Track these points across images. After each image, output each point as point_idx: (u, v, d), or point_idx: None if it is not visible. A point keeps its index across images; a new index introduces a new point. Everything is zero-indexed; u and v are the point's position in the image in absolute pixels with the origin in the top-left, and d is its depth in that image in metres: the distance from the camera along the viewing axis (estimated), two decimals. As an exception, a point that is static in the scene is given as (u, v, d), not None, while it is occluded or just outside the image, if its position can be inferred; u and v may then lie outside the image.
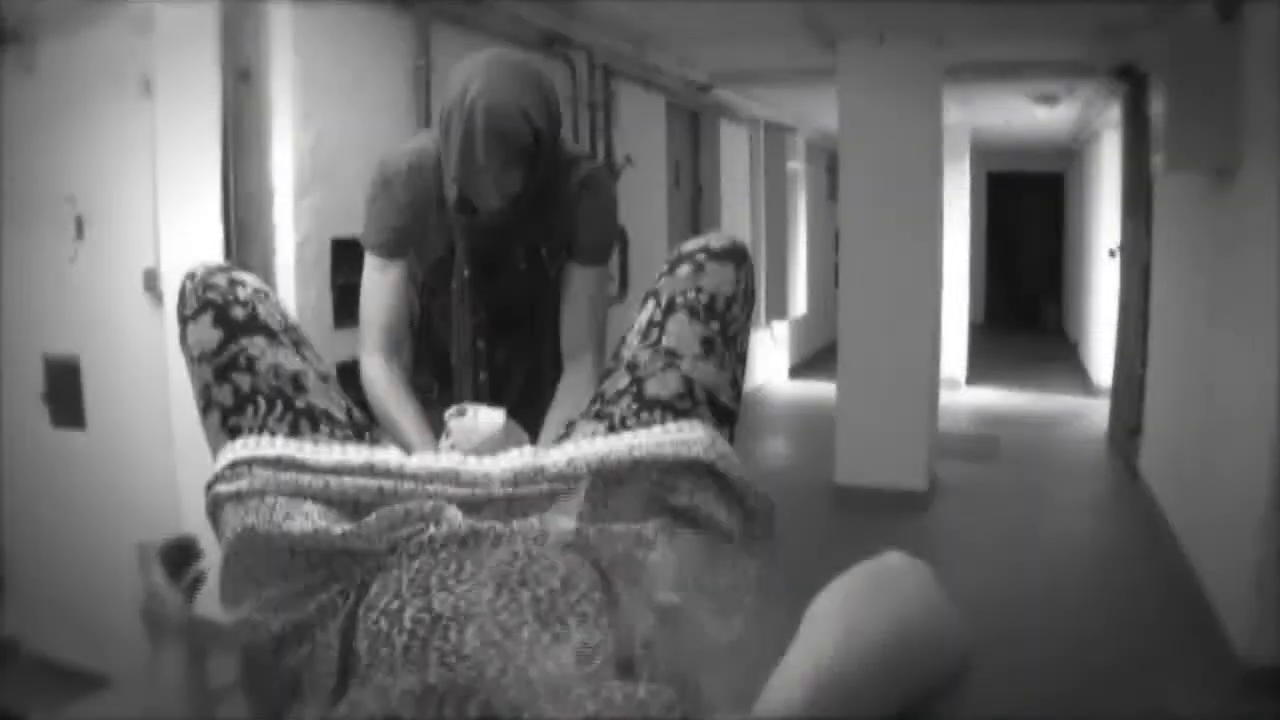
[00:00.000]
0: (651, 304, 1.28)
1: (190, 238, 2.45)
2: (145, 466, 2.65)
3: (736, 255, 1.28)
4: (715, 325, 1.23)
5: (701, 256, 1.27)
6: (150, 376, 2.56)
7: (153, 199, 2.52)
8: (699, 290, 1.24)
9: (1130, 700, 2.62)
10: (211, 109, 2.38)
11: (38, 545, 2.87)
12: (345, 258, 2.64)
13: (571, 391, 1.59)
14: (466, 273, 1.67)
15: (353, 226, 2.66)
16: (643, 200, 4.55)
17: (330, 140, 2.57)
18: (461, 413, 1.39)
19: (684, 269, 1.27)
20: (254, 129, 2.44)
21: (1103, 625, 3.11)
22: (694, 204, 5.80)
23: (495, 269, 1.69)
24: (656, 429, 1.16)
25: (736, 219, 6.58)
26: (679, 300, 1.25)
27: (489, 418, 1.36)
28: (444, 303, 1.75)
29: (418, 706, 0.68)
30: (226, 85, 2.38)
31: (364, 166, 2.66)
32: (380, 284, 1.65)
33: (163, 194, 2.50)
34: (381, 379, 1.59)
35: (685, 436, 1.14)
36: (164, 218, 2.51)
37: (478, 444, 1.31)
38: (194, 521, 2.52)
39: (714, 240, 1.30)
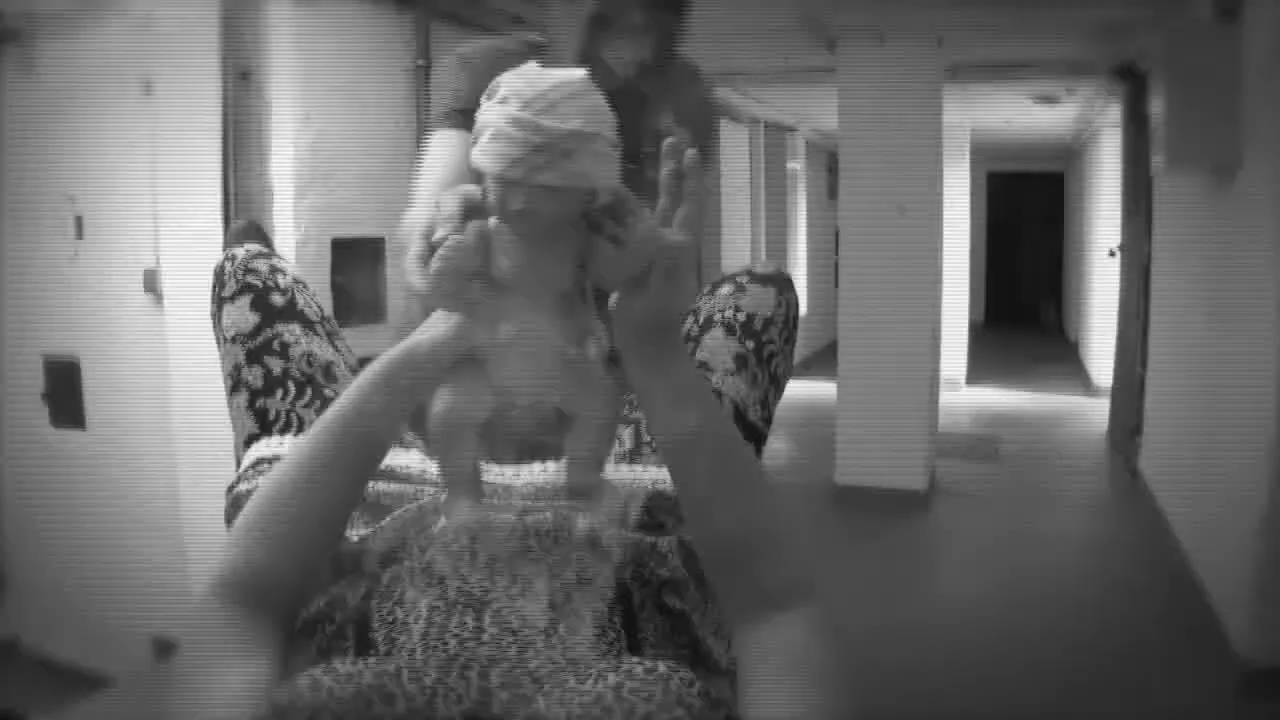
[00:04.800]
0: (690, 320, 1.29)
1: (190, 238, 2.45)
2: (145, 466, 2.65)
3: (780, 280, 1.29)
4: (750, 344, 1.24)
5: (744, 278, 1.28)
6: (150, 376, 2.56)
7: (153, 199, 2.52)
8: (737, 309, 1.25)
9: (1130, 700, 2.62)
10: (211, 109, 2.38)
11: (38, 545, 2.87)
12: (345, 258, 2.65)
13: None
14: None
15: (353, 227, 2.68)
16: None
17: (330, 140, 2.57)
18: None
19: (725, 288, 1.28)
20: (254, 129, 2.44)
21: (1102, 625, 3.11)
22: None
23: None
24: None
25: (736, 219, 6.58)
26: (717, 317, 1.26)
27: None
28: None
29: (442, 670, 0.70)
30: (226, 85, 2.38)
31: (364, 167, 2.69)
32: (444, 149, 1.42)
33: (163, 194, 2.50)
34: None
35: None
36: (164, 218, 2.52)
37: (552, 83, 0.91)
38: (194, 522, 2.54)
39: (759, 265, 1.31)
